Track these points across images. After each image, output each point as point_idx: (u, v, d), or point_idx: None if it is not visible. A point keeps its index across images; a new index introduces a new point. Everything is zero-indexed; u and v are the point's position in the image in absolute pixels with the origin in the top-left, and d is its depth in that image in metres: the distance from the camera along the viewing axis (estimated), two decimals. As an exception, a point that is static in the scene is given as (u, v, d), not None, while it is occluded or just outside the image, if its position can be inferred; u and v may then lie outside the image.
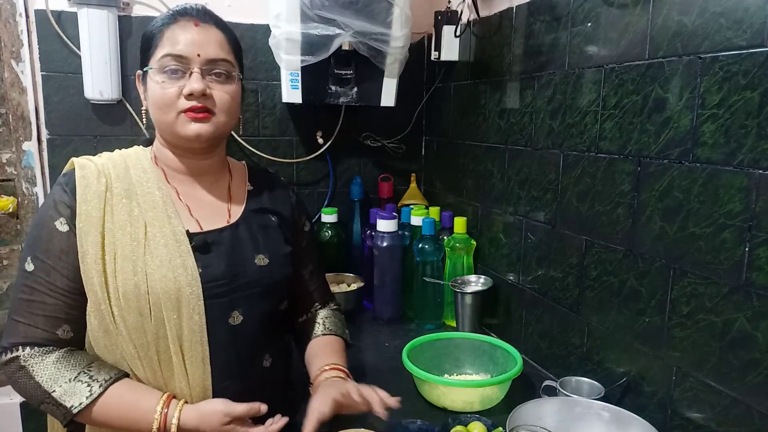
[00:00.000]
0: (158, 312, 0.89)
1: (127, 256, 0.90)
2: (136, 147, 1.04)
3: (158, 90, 0.92)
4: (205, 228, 0.97)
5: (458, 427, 0.98)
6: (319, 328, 1.13)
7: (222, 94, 0.94)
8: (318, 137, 1.80)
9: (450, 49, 1.62)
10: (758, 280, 0.80)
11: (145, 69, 0.96)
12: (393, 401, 0.92)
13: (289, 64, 1.57)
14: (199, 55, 0.92)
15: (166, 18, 0.95)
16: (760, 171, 0.79)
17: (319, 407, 0.89)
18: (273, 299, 1.02)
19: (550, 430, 0.82)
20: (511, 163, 1.41)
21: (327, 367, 1.02)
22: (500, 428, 0.97)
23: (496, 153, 1.47)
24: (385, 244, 1.55)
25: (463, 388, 1.10)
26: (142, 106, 1.00)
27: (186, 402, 0.90)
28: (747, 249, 0.81)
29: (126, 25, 1.60)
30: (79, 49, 1.54)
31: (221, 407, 0.88)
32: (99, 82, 1.55)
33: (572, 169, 1.18)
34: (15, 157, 1.61)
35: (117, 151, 1.02)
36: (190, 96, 0.91)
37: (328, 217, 1.75)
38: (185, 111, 0.92)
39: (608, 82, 1.07)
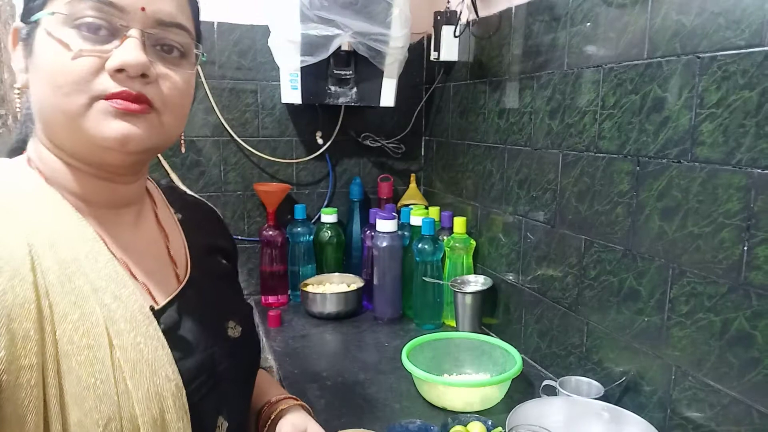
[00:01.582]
0: None
1: (96, 381, 0.53)
2: None
3: (61, 57, 0.54)
4: (159, 298, 0.63)
5: (458, 427, 0.98)
6: None
7: (172, 80, 0.59)
8: (317, 137, 1.81)
9: (449, 49, 1.62)
10: (756, 280, 0.80)
11: (32, 19, 0.56)
12: None
13: (289, 64, 1.57)
14: (143, 9, 0.56)
15: None
16: (759, 170, 0.79)
17: (293, 423, 0.75)
18: (252, 383, 0.75)
19: (550, 430, 0.82)
20: (510, 163, 1.41)
21: (282, 397, 0.81)
22: (500, 428, 0.97)
23: (496, 153, 1.47)
24: (384, 244, 1.55)
25: (462, 388, 1.10)
26: (15, 84, 0.61)
27: None
28: (746, 248, 0.81)
29: None
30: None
31: None
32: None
33: (571, 168, 1.18)
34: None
35: None
36: (118, 73, 0.55)
37: (328, 217, 1.76)
38: (106, 97, 0.55)
39: (607, 81, 1.07)
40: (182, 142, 0.70)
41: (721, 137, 0.85)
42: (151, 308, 0.60)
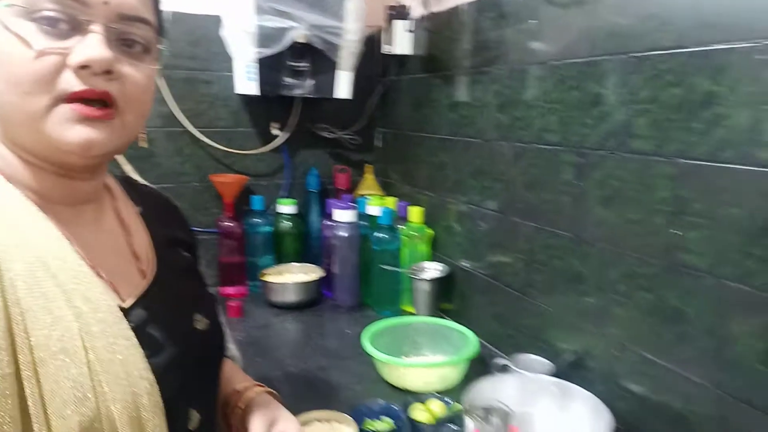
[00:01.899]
0: None
1: (75, 385, 0.53)
2: None
3: (20, 54, 0.52)
4: (125, 296, 0.62)
5: (418, 405, 1.04)
6: None
7: (134, 77, 0.58)
8: (274, 129, 1.82)
9: (402, 43, 1.66)
10: (686, 260, 0.88)
11: None
12: None
13: (244, 55, 1.58)
14: (106, 3, 0.54)
15: None
16: (685, 160, 0.87)
17: (264, 414, 0.77)
18: (218, 374, 0.76)
19: (503, 402, 0.88)
20: (462, 155, 1.47)
21: (248, 385, 0.82)
22: (457, 404, 1.03)
23: (449, 145, 1.52)
24: (343, 233, 1.59)
25: (422, 369, 1.16)
26: None
27: None
28: (676, 232, 0.89)
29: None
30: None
31: None
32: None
33: (520, 159, 1.24)
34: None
35: None
36: (82, 69, 0.53)
37: (286, 208, 1.77)
38: (70, 96, 0.53)
39: (551, 77, 1.13)
40: (144, 136, 0.68)
41: (652, 130, 0.92)
42: (120, 308, 0.59)
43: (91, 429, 0.53)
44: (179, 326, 0.67)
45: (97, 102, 0.55)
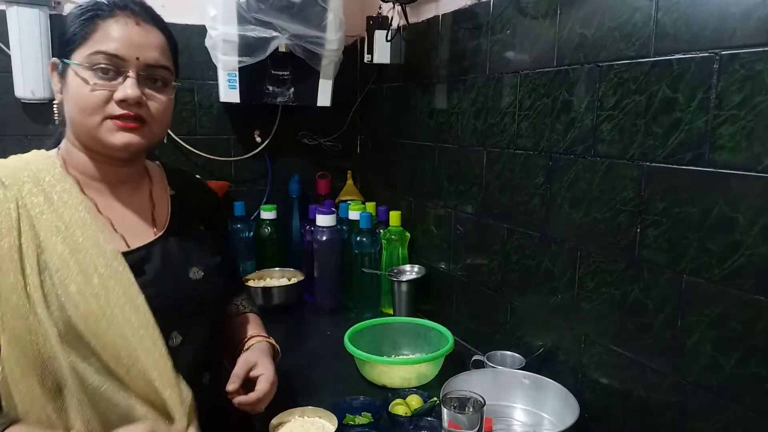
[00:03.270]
0: (101, 348, 0.79)
1: (57, 289, 0.78)
2: (35, 152, 0.91)
3: (84, 90, 0.82)
4: (132, 244, 0.89)
5: (398, 400, 1.08)
6: (235, 309, 1.16)
7: (157, 103, 0.87)
8: (256, 136, 1.85)
9: (382, 52, 1.71)
10: (648, 256, 0.94)
11: (65, 60, 0.84)
12: (253, 407, 0.95)
13: (227, 64, 1.61)
14: (138, 59, 0.83)
15: (100, 7, 0.84)
16: (647, 163, 0.93)
17: (246, 359, 0.97)
18: (210, 314, 0.99)
19: (476, 393, 0.92)
20: (440, 160, 1.52)
21: (254, 336, 1.06)
22: (435, 398, 1.07)
23: (427, 150, 1.57)
24: (324, 238, 1.62)
25: (400, 366, 1.20)
26: (54, 99, 0.90)
27: None
28: (638, 230, 0.95)
29: (57, 24, 1.58)
30: (8, 48, 1.52)
31: (144, 426, 0.79)
32: (30, 81, 1.53)
33: (494, 164, 1.30)
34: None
35: (13, 157, 0.89)
36: (122, 102, 0.83)
37: (267, 213, 1.80)
38: (113, 117, 0.83)
39: (523, 86, 1.19)
40: (164, 138, 1.02)
41: (617, 135, 0.98)
42: (123, 252, 0.85)
43: (107, 312, 0.79)
44: (172, 273, 0.91)
45: (131, 119, 0.84)
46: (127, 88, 0.82)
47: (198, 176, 1.14)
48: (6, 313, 0.77)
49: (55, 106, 0.89)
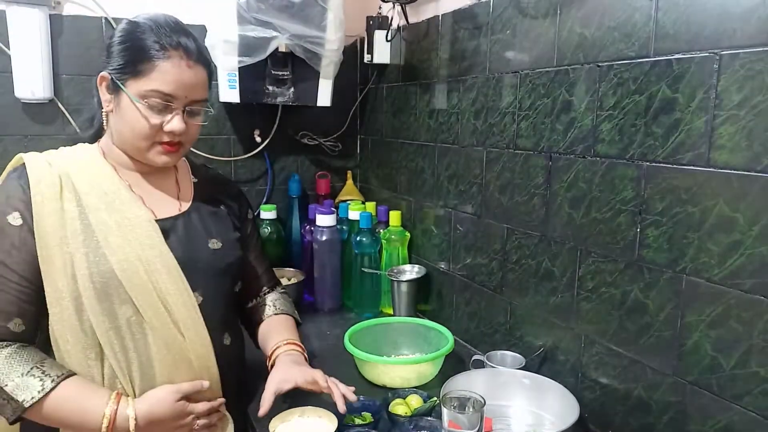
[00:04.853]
0: (136, 295, 0.95)
1: (99, 242, 0.94)
2: (81, 144, 1.07)
3: (139, 119, 0.96)
4: (159, 216, 1.03)
5: (397, 400, 1.08)
6: (270, 309, 1.21)
7: (194, 129, 1.02)
8: (256, 136, 1.85)
9: (382, 52, 1.71)
10: (647, 256, 0.94)
11: (118, 83, 0.96)
12: (352, 395, 1.04)
13: (227, 64, 1.61)
14: (186, 97, 0.97)
15: (158, 44, 0.95)
16: (647, 163, 0.93)
17: (278, 384, 1.02)
18: (228, 280, 1.10)
19: (476, 392, 0.92)
20: (440, 160, 1.52)
21: (283, 343, 1.13)
22: (435, 398, 1.07)
23: (427, 150, 1.58)
24: (324, 238, 1.62)
25: (400, 366, 1.20)
26: (102, 108, 1.02)
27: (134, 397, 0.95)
28: (638, 230, 0.95)
29: (57, 24, 1.58)
30: (8, 48, 1.52)
31: (169, 388, 0.95)
32: (30, 81, 1.53)
33: (494, 164, 1.30)
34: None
35: (62, 148, 1.05)
36: (170, 133, 0.98)
37: (267, 213, 1.80)
38: (161, 143, 0.99)
39: (523, 86, 1.19)
40: None
41: (617, 135, 0.98)
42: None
43: (111, 276, 0.94)
44: (193, 242, 1.05)
45: (174, 144, 1.00)
46: (175, 122, 0.97)
47: (220, 172, 1.29)
48: (53, 273, 0.92)
49: (104, 113, 1.03)
